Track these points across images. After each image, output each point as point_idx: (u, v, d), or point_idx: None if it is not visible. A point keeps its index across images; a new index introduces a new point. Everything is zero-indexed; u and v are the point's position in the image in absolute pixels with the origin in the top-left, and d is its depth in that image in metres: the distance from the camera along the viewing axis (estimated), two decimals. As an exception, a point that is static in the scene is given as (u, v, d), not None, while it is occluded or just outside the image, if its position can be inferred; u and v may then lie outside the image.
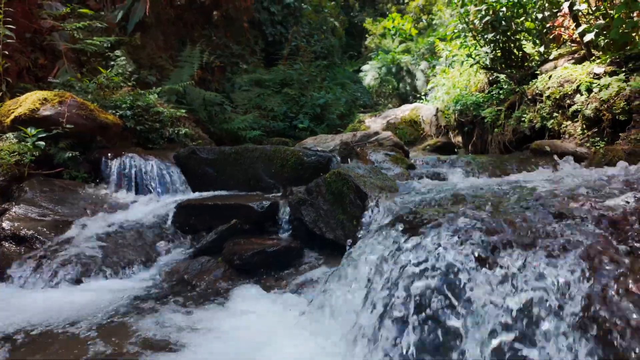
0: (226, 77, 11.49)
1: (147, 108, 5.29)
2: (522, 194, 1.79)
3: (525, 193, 1.82)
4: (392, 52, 19.83)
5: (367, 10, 26.86)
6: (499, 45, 5.61)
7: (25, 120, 3.63)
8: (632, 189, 1.56)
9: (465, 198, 1.84)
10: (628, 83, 3.32)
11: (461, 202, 1.78)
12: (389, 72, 19.57)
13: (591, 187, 1.70)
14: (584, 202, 1.43)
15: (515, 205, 1.60)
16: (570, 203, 1.48)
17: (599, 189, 1.72)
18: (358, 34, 25.46)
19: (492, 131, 5.34)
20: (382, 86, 19.76)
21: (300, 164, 3.78)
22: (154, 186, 3.72)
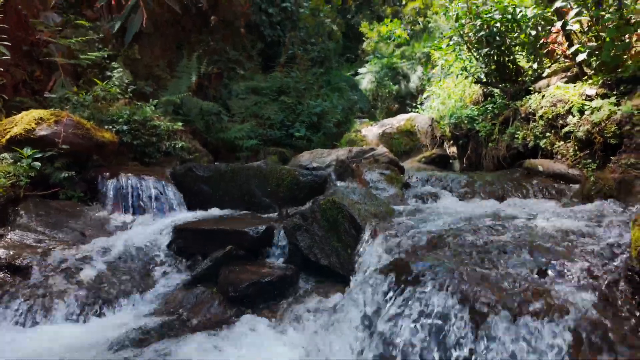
0: (223, 83, 11.50)
1: (143, 122, 5.30)
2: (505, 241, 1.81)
3: (509, 239, 1.84)
4: (387, 58, 19.90)
5: (364, 12, 26.91)
6: (493, 59, 5.66)
7: (21, 140, 3.64)
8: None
9: (450, 245, 1.86)
10: (619, 107, 3.36)
11: (447, 249, 1.80)
12: (386, 76, 19.62)
13: (581, 233, 1.73)
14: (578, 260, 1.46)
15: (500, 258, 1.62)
16: (560, 259, 1.51)
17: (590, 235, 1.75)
18: (355, 36, 25.49)
19: (486, 145, 5.38)
20: (379, 89, 19.82)
21: (296, 184, 3.81)
22: (150, 206, 3.73)
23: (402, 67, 19.70)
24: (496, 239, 1.84)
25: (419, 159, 6.33)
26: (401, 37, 22.14)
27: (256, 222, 3.17)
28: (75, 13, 7.38)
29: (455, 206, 3.17)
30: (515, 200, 3.36)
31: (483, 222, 2.28)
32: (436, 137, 7.49)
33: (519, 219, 2.26)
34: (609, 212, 2.15)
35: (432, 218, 2.47)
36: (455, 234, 2.00)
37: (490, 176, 4.23)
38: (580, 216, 2.16)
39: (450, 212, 2.70)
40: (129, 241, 3.03)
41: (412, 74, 19.51)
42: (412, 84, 19.22)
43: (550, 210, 2.68)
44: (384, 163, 4.56)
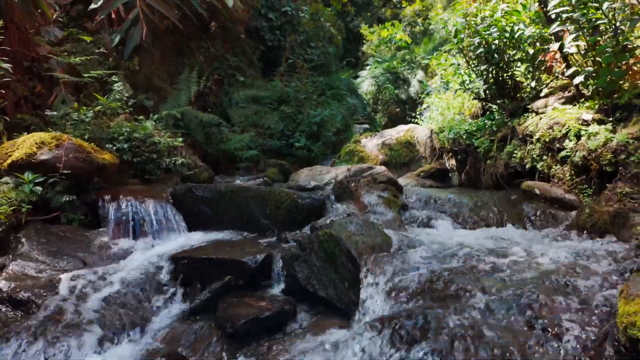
0: (224, 90, 11.55)
1: (144, 139, 5.34)
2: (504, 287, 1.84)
3: (502, 283, 1.87)
4: (387, 62, 19.94)
5: (363, 15, 26.95)
6: (492, 74, 5.69)
7: (22, 165, 3.67)
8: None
9: (443, 292, 1.89)
10: (615, 134, 3.39)
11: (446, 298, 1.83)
12: (387, 80, 19.66)
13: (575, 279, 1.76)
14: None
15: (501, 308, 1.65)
16: (548, 315, 1.54)
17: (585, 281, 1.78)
18: (355, 39, 25.54)
19: (485, 162, 5.40)
20: (379, 94, 19.86)
21: (295, 207, 3.84)
22: (150, 229, 3.77)
23: (403, 72, 19.74)
24: (488, 284, 1.87)
25: (417, 172, 6.36)
26: (401, 41, 22.18)
27: (254, 249, 3.20)
28: (76, 26, 7.41)
29: (452, 235, 3.20)
30: (512, 230, 3.39)
31: (478, 258, 2.31)
32: (435, 149, 7.52)
33: (513, 257, 2.29)
34: (602, 255, 2.18)
35: (429, 255, 2.50)
36: (449, 278, 2.03)
37: (488, 197, 4.25)
38: (572, 258, 2.19)
39: (448, 245, 2.73)
40: (129, 270, 3.07)
41: (413, 78, 19.55)
42: (412, 88, 19.26)
43: (544, 245, 2.71)
44: (382, 183, 4.59)
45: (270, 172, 7.15)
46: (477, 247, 2.64)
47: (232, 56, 13.13)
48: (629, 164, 3.20)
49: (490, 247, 2.69)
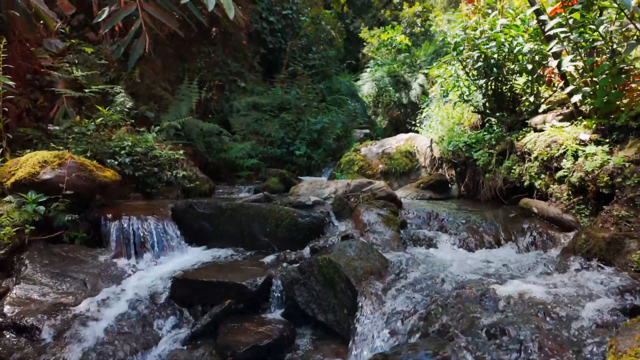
0: (224, 96, 11.59)
1: (145, 152, 5.38)
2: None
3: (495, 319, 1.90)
4: (388, 65, 19.98)
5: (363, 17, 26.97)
6: (491, 87, 5.72)
7: (25, 184, 3.72)
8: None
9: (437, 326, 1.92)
10: (611, 157, 3.42)
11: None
12: (387, 83, 19.69)
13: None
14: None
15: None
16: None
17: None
18: (355, 41, 25.56)
19: (484, 175, 5.43)
20: (379, 97, 19.90)
21: (295, 225, 3.88)
22: (152, 248, 3.81)
23: (403, 75, 19.76)
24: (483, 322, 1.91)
25: (417, 184, 6.39)
26: (402, 44, 22.21)
27: (254, 271, 3.24)
28: (78, 36, 7.46)
29: (450, 258, 3.23)
30: (510, 252, 3.43)
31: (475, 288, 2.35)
32: (435, 159, 7.55)
33: (509, 287, 2.33)
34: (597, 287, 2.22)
35: (425, 284, 2.54)
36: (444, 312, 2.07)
37: (486, 213, 4.28)
38: (567, 290, 2.22)
39: (444, 270, 2.77)
40: (131, 291, 3.12)
41: (413, 81, 19.58)
42: (413, 91, 19.30)
43: (540, 272, 2.75)
44: (381, 199, 4.63)
45: (270, 182, 7.19)
46: (474, 273, 2.68)
47: (233, 61, 13.19)
48: (625, 188, 3.24)
49: (487, 272, 2.72)
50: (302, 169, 9.18)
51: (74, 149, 4.92)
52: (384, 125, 19.18)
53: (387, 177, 7.83)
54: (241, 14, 7.68)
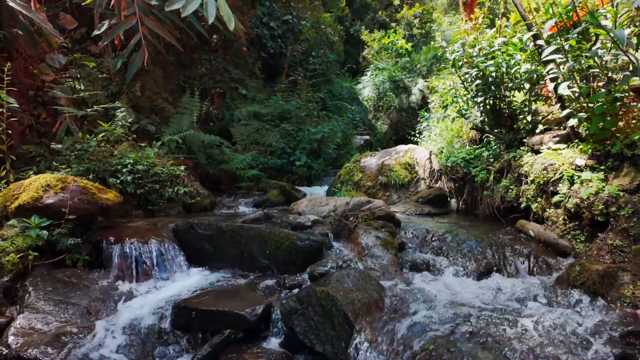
0: (225, 104, 11.64)
1: (147, 169, 5.44)
2: None
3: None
4: (388, 70, 20.03)
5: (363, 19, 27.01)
6: (489, 104, 5.77)
7: (28, 208, 3.78)
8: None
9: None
10: (606, 185, 3.46)
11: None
12: (387, 89, 19.75)
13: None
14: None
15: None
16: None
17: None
18: (355, 43, 25.61)
19: (482, 191, 5.48)
20: (380, 100, 19.95)
21: (294, 248, 3.93)
22: (153, 271, 3.86)
23: (403, 80, 19.81)
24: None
25: (416, 198, 6.44)
26: (402, 48, 22.25)
27: (253, 298, 3.29)
28: (80, 49, 7.52)
29: (446, 285, 3.28)
30: (506, 280, 3.47)
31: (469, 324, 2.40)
32: (434, 171, 7.60)
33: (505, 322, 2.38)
34: (589, 327, 2.26)
35: (421, 316, 2.59)
36: (439, 352, 2.12)
37: (484, 234, 4.32)
38: (561, 329, 2.27)
39: (441, 303, 2.82)
40: (132, 319, 3.17)
41: (413, 86, 19.63)
42: (413, 96, 19.34)
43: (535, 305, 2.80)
44: (380, 219, 4.68)
45: (271, 194, 7.25)
46: (469, 307, 2.73)
47: (234, 68, 13.25)
48: (619, 217, 3.28)
49: (483, 305, 2.77)
50: (302, 179, 9.24)
51: (77, 169, 4.99)
52: (384, 130, 19.23)
53: (387, 189, 7.88)
54: (241, 25, 7.72)
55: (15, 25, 5.61)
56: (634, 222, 3.16)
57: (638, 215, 3.16)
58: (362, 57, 24.64)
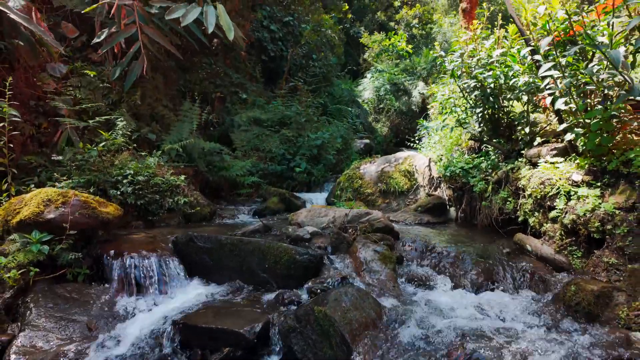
0: (226, 108, 11.68)
1: (147, 180, 5.47)
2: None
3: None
4: (387, 72, 20.06)
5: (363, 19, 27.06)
6: (487, 115, 5.80)
7: (29, 223, 3.81)
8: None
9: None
10: (602, 203, 3.49)
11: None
12: (387, 91, 19.78)
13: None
14: None
15: None
16: None
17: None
18: (355, 44, 25.65)
19: (481, 202, 5.51)
20: (380, 102, 19.98)
21: (293, 263, 3.96)
22: (153, 286, 3.90)
23: (404, 83, 19.84)
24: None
25: (415, 207, 6.47)
26: (403, 50, 22.27)
27: (253, 314, 3.32)
28: (81, 57, 7.55)
29: (444, 303, 3.32)
30: (502, 295, 3.50)
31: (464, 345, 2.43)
32: (433, 179, 7.63)
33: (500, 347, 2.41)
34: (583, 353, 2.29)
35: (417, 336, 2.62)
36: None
37: (482, 247, 4.34)
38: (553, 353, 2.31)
39: (437, 321, 2.85)
40: (132, 335, 3.20)
41: (413, 89, 19.65)
42: (413, 99, 19.37)
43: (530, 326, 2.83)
44: (379, 231, 4.71)
45: (271, 202, 7.28)
46: (465, 327, 2.76)
47: (234, 72, 13.28)
48: (615, 235, 3.31)
49: (478, 325, 2.80)
50: (302, 185, 9.27)
51: (77, 180, 5.02)
52: (384, 132, 19.27)
53: (386, 196, 7.92)
54: (241, 33, 7.75)
55: (17, 36, 5.64)
56: (629, 242, 3.19)
57: (633, 234, 3.19)
58: (362, 59, 24.70)
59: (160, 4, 7.31)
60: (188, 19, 7.02)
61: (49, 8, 7.21)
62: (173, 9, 7.12)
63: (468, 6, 8.27)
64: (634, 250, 3.13)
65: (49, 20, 7.13)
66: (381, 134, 18.98)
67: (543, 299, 3.33)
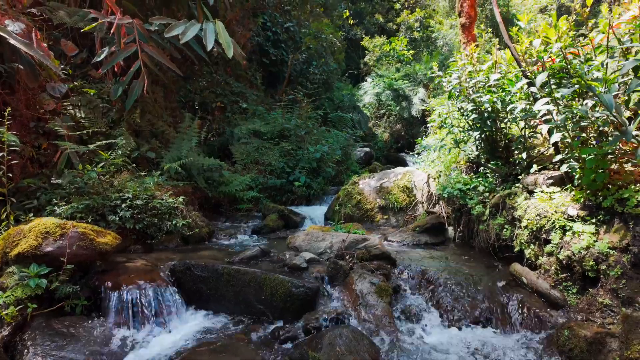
0: (226, 118, 11.71)
1: (146, 203, 5.50)
2: None
3: None
4: (388, 77, 20.06)
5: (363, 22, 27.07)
6: (484, 138, 5.81)
7: (27, 256, 3.85)
8: None
9: None
10: (597, 241, 3.50)
11: None
12: (388, 97, 19.78)
13: None
14: None
15: None
16: None
17: None
18: (355, 47, 25.66)
19: (478, 225, 5.52)
20: (381, 108, 19.98)
21: (289, 296, 3.99)
22: (150, 320, 3.92)
23: (404, 89, 19.84)
24: None
25: (413, 227, 6.48)
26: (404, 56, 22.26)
27: (248, 352, 3.35)
28: (81, 74, 7.60)
29: (438, 341, 3.34)
30: (496, 334, 3.51)
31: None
32: (432, 195, 7.64)
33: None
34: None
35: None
36: None
37: (478, 275, 4.34)
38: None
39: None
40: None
41: (414, 95, 19.66)
42: (414, 106, 19.37)
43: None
44: (376, 258, 4.73)
45: (269, 220, 7.30)
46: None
47: (235, 80, 13.31)
48: (609, 276, 3.32)
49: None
50: (301, 198, 9.30)
51: (76, 206, 5.05)
52: (385, 138, 19.28)
53: (385, 212, 7.94)
54: (240, 49, 7.76)
55: (17, 59, 5.67)
56: (623, 284, 3.20)
57: (627, 277, 3.20)
58: (363, 62, 24.71)
59: (160, 22, 7.33)
60: (187, 37, 7.03)
61: (49, 25, 7.23)
62: (172, 26, 7.13)
63: (467, 21, 8.26)
64: (628, 294, 3.14)
65: (49, 37, 7.17)
66: (382, 139, 18.99)
67: (537, 339, 3.34)
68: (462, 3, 8.37)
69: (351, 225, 6.00)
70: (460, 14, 8.51)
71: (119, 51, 6.85)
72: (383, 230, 7.25)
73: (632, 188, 3.49)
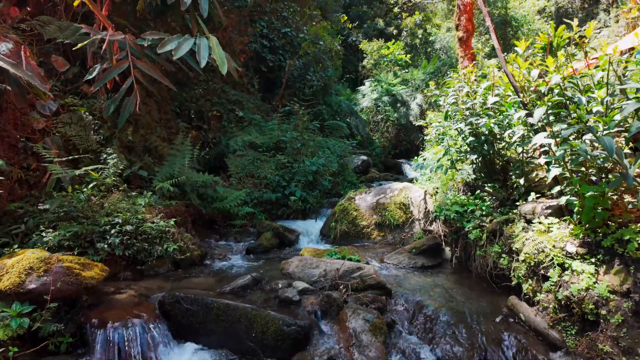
0: (222, 127, 11.58)
1: (136, 228, 5.39)
2: None
3: None
4: (386, 82, 19.97)
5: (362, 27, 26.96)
6: (481, 161, 5.71)
7: (9, 294, 3.74)
8: None
9: None
10: (596, 282, 3.39)
11: None
12: (385, 103, 19.67)
13: None
14: None
15: None
16: None
17: None
18: (353, 51, 25.54)
19: (476, 249, 5.41)
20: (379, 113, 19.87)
21: (280, 334, 3.88)
22: (137, 356, 3.81)
23: (402, 94, 19.73)
24: None
25: (410, 248, 6.37)
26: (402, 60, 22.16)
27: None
28: (72, 89, 7.47)
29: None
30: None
31: None
32: (429, 212, 7.53)
33: None
34: None
35: None
36: None
37: (475, 311, 4.25)
38: None
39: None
40: None
41: (412, 101, 19.54)
42: (411, 111, 19.26)
43: None
44: (370, 288, 4.63)
45: (264, 239, 7.20)
46: None
47: (231, 88, 13.18)
48: (609, 322, 3.21)
49: None
50: (297, 213, 9.19)
51: (64, 233, 4.93)
52: (382, 144, 19.18)
53: (382, 229, 7.83)
54: (234, 64, 7.64)
55: (5, 80, 5.54)
56: (624, 333, 3.10)
57: (628, 325, 3.10)
58: (361, 66, 24.60)
59: (153, 37, 7.20)
60: (181, 52, 6.90)
61: (40, 40, 7.10)
62: (166, 41, 7.01)
63: (464, 35, 8.14)
64: (629, 344, 3.04)
65: (40, 53, 7.04)
66: (380, 145, 18.89)
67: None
68: (459, 16, 8.24)
69: (346, 251, 5.88)
70: (457, 28, 8.38)
71: (111, 68, 6.73)
72: (379, 248, 7.14)
73: (633, 228, 3.38)
